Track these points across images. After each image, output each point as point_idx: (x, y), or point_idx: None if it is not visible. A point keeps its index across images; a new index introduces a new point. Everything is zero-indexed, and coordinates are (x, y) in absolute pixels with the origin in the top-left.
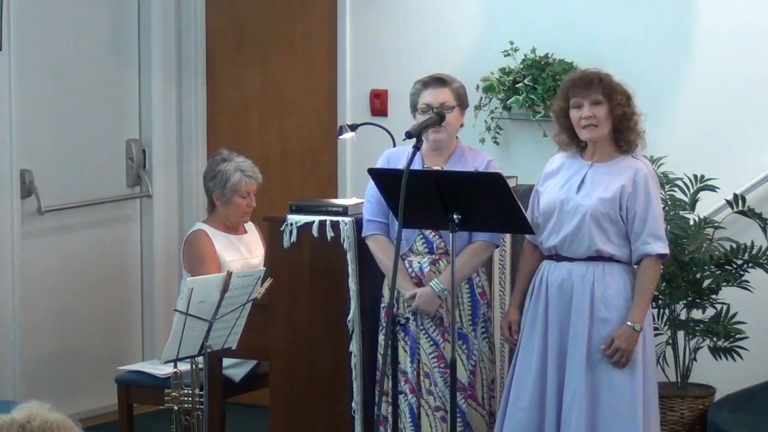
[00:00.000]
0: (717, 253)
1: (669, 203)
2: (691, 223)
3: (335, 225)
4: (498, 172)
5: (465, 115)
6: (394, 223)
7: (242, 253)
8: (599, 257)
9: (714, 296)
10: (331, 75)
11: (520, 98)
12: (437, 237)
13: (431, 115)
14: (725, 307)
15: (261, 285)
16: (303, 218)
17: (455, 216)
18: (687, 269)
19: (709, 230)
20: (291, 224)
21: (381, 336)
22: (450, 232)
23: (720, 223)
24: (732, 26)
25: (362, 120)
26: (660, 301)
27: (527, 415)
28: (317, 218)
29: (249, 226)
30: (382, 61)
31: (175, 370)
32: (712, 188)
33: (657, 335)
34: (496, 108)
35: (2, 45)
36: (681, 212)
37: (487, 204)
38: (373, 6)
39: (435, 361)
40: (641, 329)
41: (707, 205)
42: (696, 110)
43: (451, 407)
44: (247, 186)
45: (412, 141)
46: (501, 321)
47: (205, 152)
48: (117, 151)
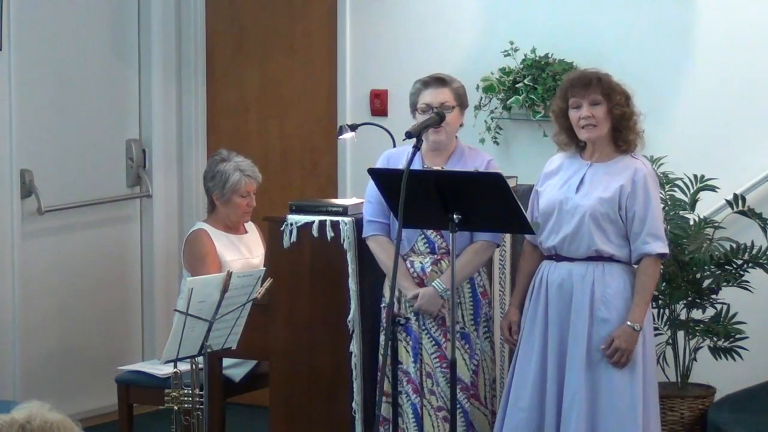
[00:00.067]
0: (717, 253)
1: (669, 203)
2: (691, 223)
3: (335, 225)
4: (498, 172)
5: (465, 115)
6: (395, 224)
7: (243, 253)
8: (599, 257)
9: (714, 296)
10: (331, 75)
11: (520, 98)
12: (439, 237)
13: (431, 115)
14: (725, 307)
15: (261, 285)
16: (303, 218)
17: (455, 216)
18: (687, 269)
19: (709, 230)
20: (291, 224)
21: (382, 336)
22: (450, 232)
23: (720, 223)
24: (732, 26)
25: (362, 120)
26: (660, 301)
27: (527, 415)
28: (317, 218)
29: (249, 226)
30: (382, 61)
31: (175, 370)
32: (712, 188)
33: (657, 335)
34: (496, 108)
35: (2, 45)
36: (681, 212)
37: (487, 204)
38: (373, 6)
39: (437, 361)
40: (641, 329)
41: (707, 205)
42: (696, 110)
43: (452, 407)
44: (247, 186)
45: (412, 141)
46: (501, 321)
47: (205, 152)
48: (117, 151)
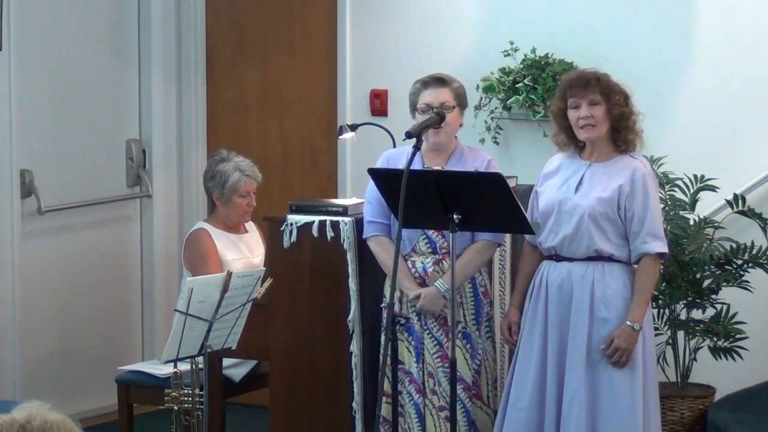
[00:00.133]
0: (717, 253)
1: (669, 203)
2: (691, 223)
3: (335, 225)
4: (498, 172)
5: (464, 115)
6: (396, 224)
7: (243, 253)
8: (599, 257)
9: (714, 296)
10: (331, 75)
11: (520, 98)
12: (440, 237)
13: (431, 115)
14: (725, 307)
15: (261, 285)
16: (303, 218)
17: (455, 216)
18: (687, 269)
19: (709, 230)
20: (291, 224)
21: (383, 336)
22: (450, 232)
23: (720, 223)
24: (732, 26)
25: (362, 120)
26: (660, 301)
27: (527, 415)
28: (317, 218)
29: (250, 226)
30: (382, 61)
31: (175, 370)
32: (712, 188)
33: (657, 335)
34: (496, 108)
35: (2, 45)
36: (681, 212)
37: (487, 204)
38: (373, 6)
39: (439, 361)
40: (640, 329)
41: (707, 205)
42: (696, 110)
43: (452, 406)
44: (247, 185)
45: (412, 141)
46: (501, 322)
47: (205, 152)
48: (117, 151)
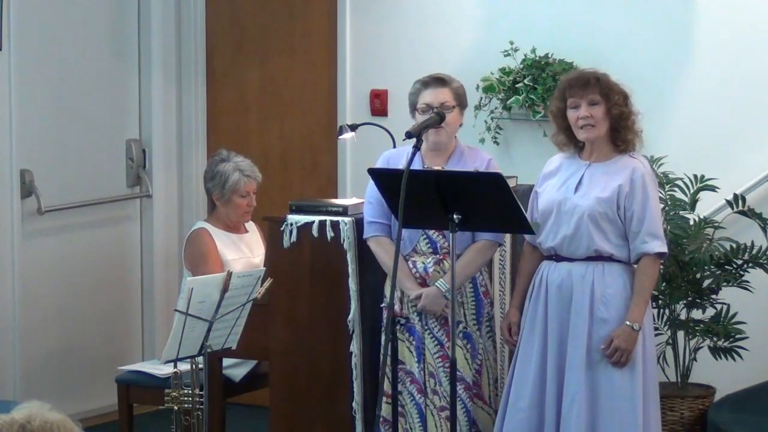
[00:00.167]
0: (717, 253)
1: (669, 203)
2: (691, 223)
3: (335, 225)
4: (498, 172)
5: (464, 115)
6: (396, 224)
7: (244, 252)
8: (598, 257)
9: (714, 296)
10: (331, 75)
11: (520, 98)
12: (441, 237)
13: (431, 115)
14: (725, 307)
15: (261, 285)
16: (303, 218)
17: (455, 216)
18: (687, 269)
19: (709, 230)
20: (291, 224)
21: (383, 336)
22: (450, 232)
23: (720, 223)
24: (732, 26)
25: (362, 120)
26: (660, 301)
27: (527, 415)
28: (317, 218)
29: (250, 226)
30: (382, 61)
31: (175, 370)
32: (712, 188)
33: (657, 335)
34: (496, 108)
35: (2, 45)
36: (681, 212)
37: (487, 204)
38: (373, 6)
39: (440, 361)
40: (640, 328)
41: (707, 205)
42: (696, 110)
43: (452, 406)
44: (247, 186)
45: (412, 141)
46: (501, 322)
47: (205, 152)
48: (117, 151)
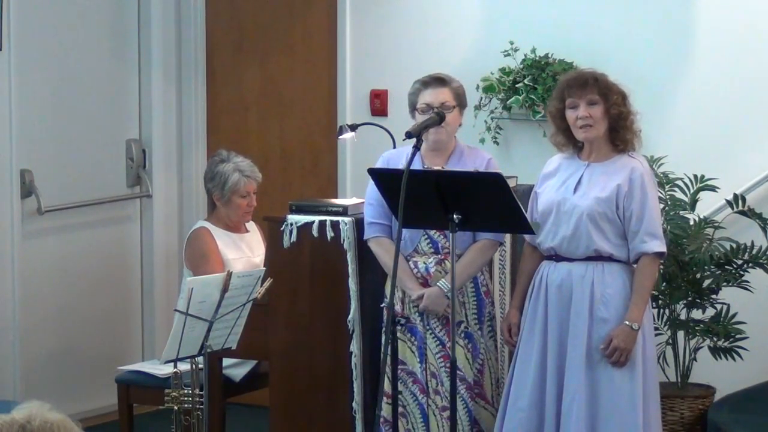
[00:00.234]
0: (717, 253)
1: (669, 203)
2: (691, 223)
3: (335, 225)
4: (498, 172)
5: (464, 115)
6: (396, 225)
7: (244, 252)
8: (598, 257)
9: (714, 296)
10: (331, 75)
11: (520, 98)
12: (442, 237)
13: (431, 115)
14: (725, 307)
15: (261, 285)
16: (303, 218)
17: (455, 216)
18: (687, 269)
19: (709, 230)
20: (291, 224)
21: (384, 336)
22: (450, 232)
23: (720, 223)
24: (732, 26)
25: (362, 120)
26: (660, 301)
27: (527, 415)
28: (317, 218)
29: (250, 225)
30: (382, 61)
31: (175, 370)
32: (712, 188)
33: (657, 335)
34: (496, 108)
35: (2, 45)
36: (681, 212)
37: (487, 204)
38: (373, 6)
39: (442, 361)
40: (639, 328)
41: (707, 205)
42: (696, 110)
43: (451, 406)
44: (246, 186)
45: (411, 142)
46: (501, 323)
47: (205, 152)
48: (117, 151)
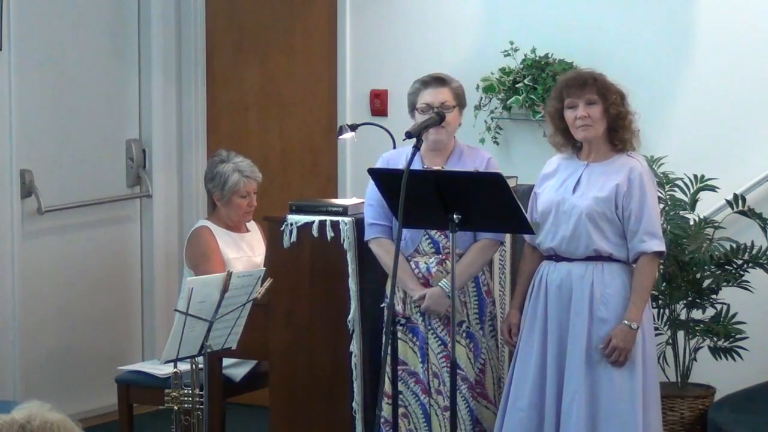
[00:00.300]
0: (717, 253)
1: (669, 203)
2: (691, 223)
3: (335, 225)
4: (498, 172)
5: (463, 115)
6: (397, 226)
7: (245, 251)
8: (598, 257)
9: (714, 296)
10: (331, 75)
11: (520, 98)
12: (443, 237)
13: (431, 115)
14: (725, 307)
15: (261, 285)
16: (303, 218)
17: (455, 216)
18: (687, 269)
19: (709, 230)
20: (291, 224)
21: (384, 336)
22: (450, 232)
23: (720, 223)
24: (732, 26)
25: (362, 120)
26: (660, 301)
27: (527, 415)
28: (317, 218)
29: (251, 225)
30: (382, 61)
31: (175, 370)
32: (712, 188)
33: (657, 335)
34: (496, 108)
35: (2, 45)
36: (681, 212)
37: (487, 204)
38: (373, 6)
39: (443, 361)
40: (638, 327)
41: (707, 205)
42: (696, 110)
43: (451, 405)
44: (246, 186)
45: (411, 142)
46: (501, 324)
47: (205, 152)
48: (117, 151)
